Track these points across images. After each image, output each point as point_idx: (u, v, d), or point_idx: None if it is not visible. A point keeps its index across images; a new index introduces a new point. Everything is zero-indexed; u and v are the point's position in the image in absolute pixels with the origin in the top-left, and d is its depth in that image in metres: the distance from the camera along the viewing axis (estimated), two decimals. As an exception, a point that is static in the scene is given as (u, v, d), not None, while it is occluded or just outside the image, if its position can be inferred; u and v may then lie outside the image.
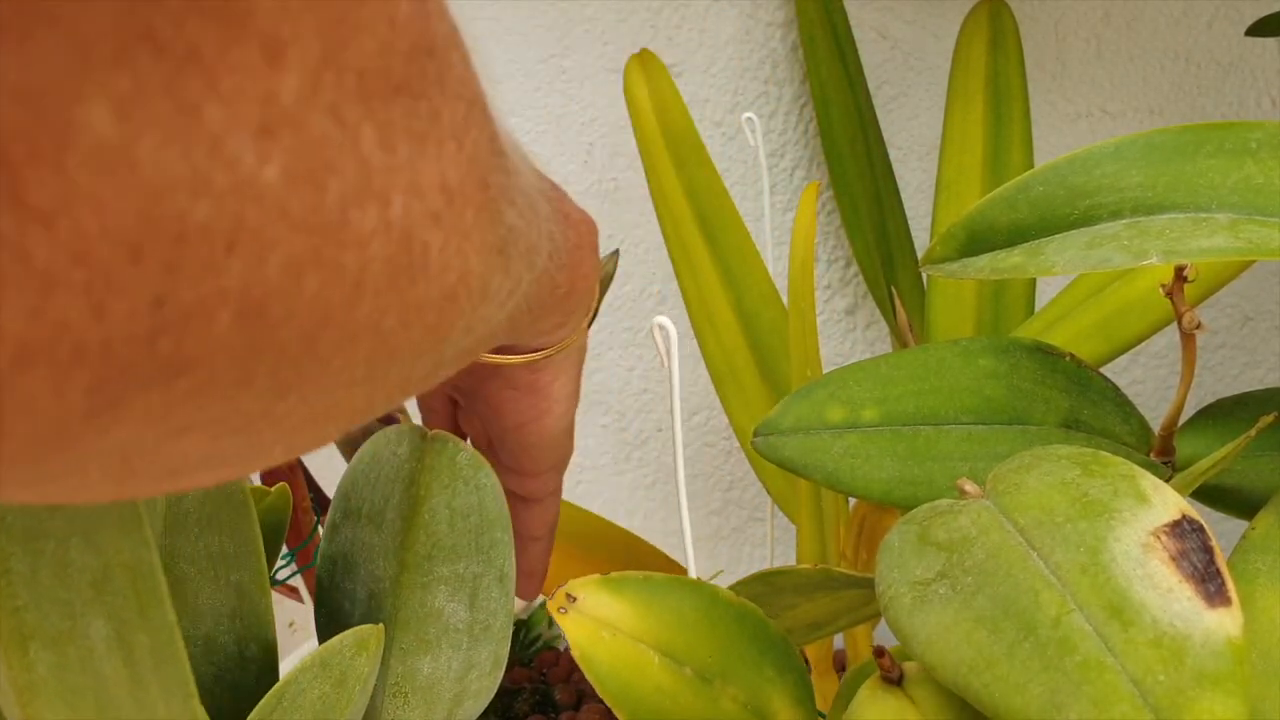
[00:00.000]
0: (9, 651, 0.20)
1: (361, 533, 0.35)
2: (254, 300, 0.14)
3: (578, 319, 0.35)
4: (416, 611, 0.34)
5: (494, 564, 0.34)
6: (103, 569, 0.21)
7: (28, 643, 0.21)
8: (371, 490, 0.34)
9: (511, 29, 0.74)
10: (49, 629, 0.21)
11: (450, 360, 0.23)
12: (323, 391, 0.18)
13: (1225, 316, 0.78)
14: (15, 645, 0.20)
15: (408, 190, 0.16)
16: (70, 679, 0.21)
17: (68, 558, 0.21)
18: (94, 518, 0.21)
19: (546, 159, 0.78)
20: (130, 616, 0.22)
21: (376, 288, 0.16)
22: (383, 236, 0.16)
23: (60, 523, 0.21)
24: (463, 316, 0.20)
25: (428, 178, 0.17)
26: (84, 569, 0.21)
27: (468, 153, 0.18)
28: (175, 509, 0.32)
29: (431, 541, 0.34)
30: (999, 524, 0.29)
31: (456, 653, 0.35)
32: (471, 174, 0.18)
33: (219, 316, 0.14)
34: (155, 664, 0.22)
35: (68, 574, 0.21)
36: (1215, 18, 0.72)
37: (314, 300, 0.15)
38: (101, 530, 0.21)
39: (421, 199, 0.17)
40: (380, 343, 0.18)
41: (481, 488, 0.34)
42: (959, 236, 0.38)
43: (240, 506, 0.33)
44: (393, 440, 0.34)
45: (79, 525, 0.21)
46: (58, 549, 0.21)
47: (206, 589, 0.33)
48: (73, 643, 0.21)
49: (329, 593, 0.36)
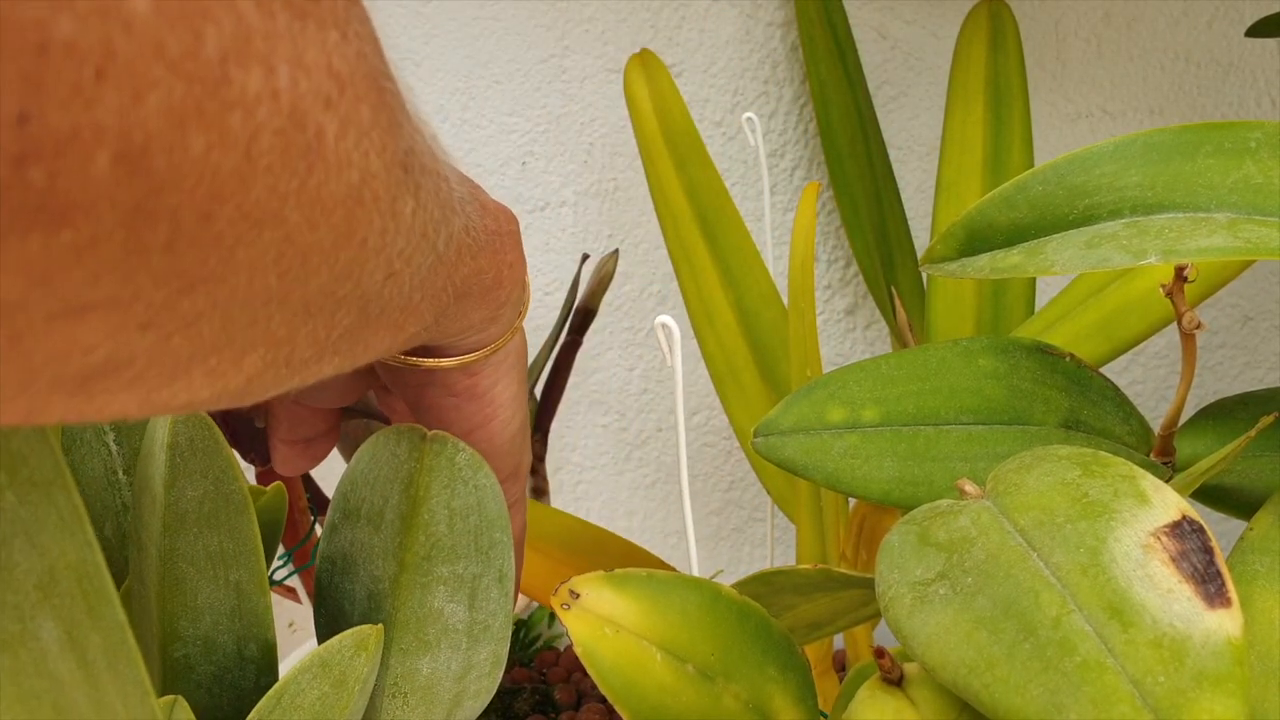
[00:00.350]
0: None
1: (360, 533, 0.35)
2: (134, 144, 0.14)
3: (509, 316, 0.35)
4: (416, 612, 0.34)
5: (493, 564, 0.34)
6: (48, 570, 0.21)
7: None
8: (370, 490, 0.34)
9: (511, 29, 0.74)
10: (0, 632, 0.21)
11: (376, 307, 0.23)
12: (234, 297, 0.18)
13: (1225, 316, 0.78)
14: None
15: (292, 62, 0.16)
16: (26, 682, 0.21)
17: (11, 560, 0.21)
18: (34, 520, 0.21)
19: (546, 159, 0.78)
20: (80, 617, 0.22)
21: (270, 164, 0.16)
22: (270, 104, 0.16)
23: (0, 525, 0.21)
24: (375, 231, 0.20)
25: (313, 56, 0.17)
26: (29, 571, 0.21)
27: (354, 47, 0.18)
28: (174, 509, 0.32)
29: (431, 542, 0.34)
30: (999, 524, 0.29)
31: (456, 653, 0.35)
32: (361, 68, 0.18)
33: (96, 156, 0.14)
34: (109, 664, 0.22)
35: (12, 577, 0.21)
36: (1215, 18, 0.72)
37: (202, 162, 0.15)
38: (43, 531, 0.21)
39: (309, 76, 0.17)
40: (286, 239, 0.18)
41: (481, 488, 0.34)
42: (958, 236, 0.38)
43: (239, 506, 0.33)
44: (392, 440, 0.34)
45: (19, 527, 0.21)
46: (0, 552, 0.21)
47: (205, 588, 0.33)
48: (24, 646, 0.21)
49: (328, 593, 0.36)
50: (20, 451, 0.21)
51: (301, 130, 0.17)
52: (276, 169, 0.17)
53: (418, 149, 0.22)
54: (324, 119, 0.17)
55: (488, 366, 0.35)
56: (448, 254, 0.26)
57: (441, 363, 0.34)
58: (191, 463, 0.32)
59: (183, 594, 0.33)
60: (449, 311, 0.29)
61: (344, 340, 0.23)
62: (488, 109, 0.76)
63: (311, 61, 0.17)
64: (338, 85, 0.18)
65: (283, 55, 0.16)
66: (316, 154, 0.17)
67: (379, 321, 0.24)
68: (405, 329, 0.26)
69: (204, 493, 0.32)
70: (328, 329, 0.22)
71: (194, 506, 0.32)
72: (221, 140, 0.15)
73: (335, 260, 0.20)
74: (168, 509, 0.32)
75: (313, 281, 0.19)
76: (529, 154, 0.77)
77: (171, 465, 0.32)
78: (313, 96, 0.17)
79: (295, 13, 0.16)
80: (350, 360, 0.24)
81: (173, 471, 0.32)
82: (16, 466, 0.21)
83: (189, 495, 0.32)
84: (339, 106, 0.18)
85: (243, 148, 0.16)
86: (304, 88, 0.17)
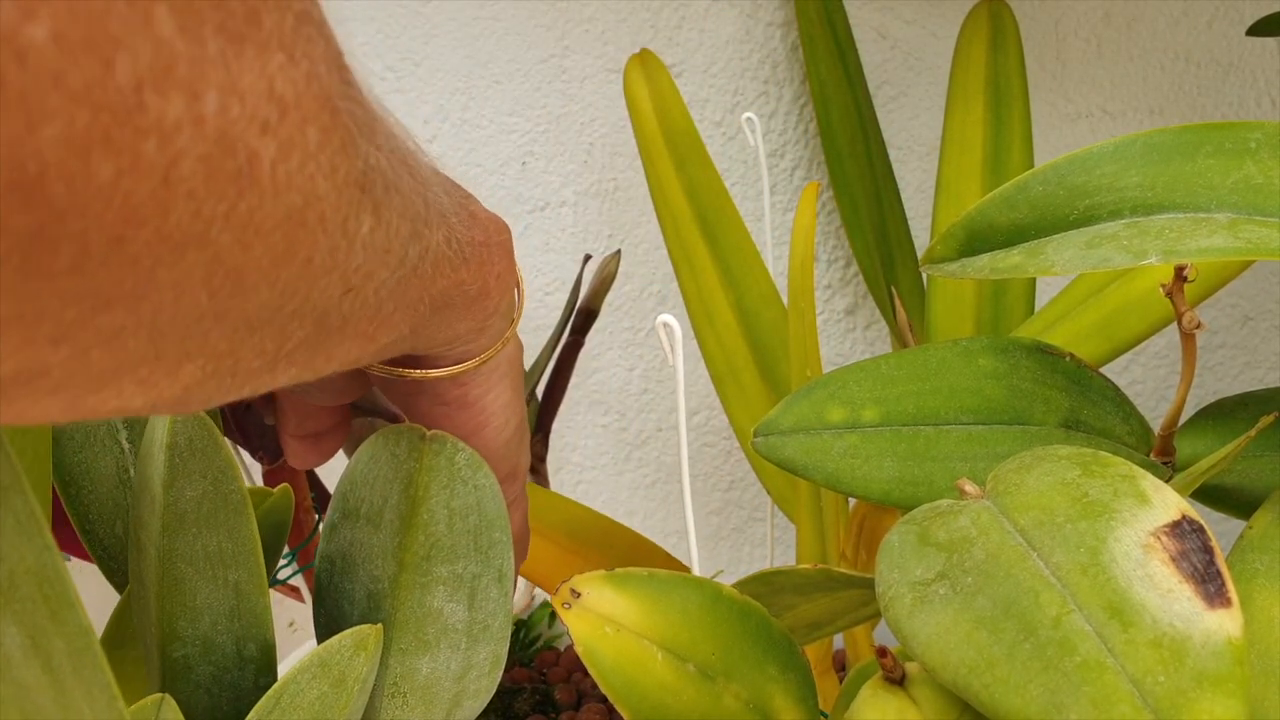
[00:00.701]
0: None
1: (360, 533, 0.35)
2: (28, 174, 0.14)
3: (498, 326, 0.34)
4: (415, 611, 0.34)
5: (492, 564, 0.34)
6: (8, 575, 0.21)
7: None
8: (370, 490, 0.34)
9: (511, 29, 0.74)
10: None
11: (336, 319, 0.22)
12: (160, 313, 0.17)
13: (1225, 316, 0.78)
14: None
15: (223, 88, 0.16)
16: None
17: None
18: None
19: (546, 159, 0.78)
20: (43, 623, 0.22)
21: (192, 189, 0.16)
22: (193, 131, 0.16)
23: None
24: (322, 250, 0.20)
25: (249, 81, 0.16)
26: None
27: (303, 68, 0.18)
28: (173, 509, 0.32)
29: (430, 542, 0.34)
30: (999, 524, 0.29)
31: (455, 653, 0.35)
32: (310, 90, 0.18)
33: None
34: (75, 668, 0.22)
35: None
36: (1215, 18, 0.72)
37: (111, 189, 0.15)
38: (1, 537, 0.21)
39: (243, 101, 0.16)
40: (215, 260, 0.17)
41: (480, 488, 0.34)
42: (958, 236, 0.38)
43: (238, 506, 0.33)
44: (391, 440, 0.34)
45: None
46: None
47: (204, 589, 0.33)
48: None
49: (327, 593, 0.36)
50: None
51: (230, 155, 0.16)
52: (200, 194, 0.16)
53: (382, 168, 0.22)
54: (259, 144, 0.17)
55: (478, 376, 0.35)
56: (422, 267, 0.26)
57: (429, 374, 0.34)
58: (190, 463, 0.32)
59: (181, 594, 0.33)
60: (429, 322, 0.29)
61: (300, 351, 0.22)
62: (488, 109, 0.76)
63: (247, 86, 0.16)
64: (279, 109, 0.17)
65: (211, 81, 0.16)
66: (248, 179, 0.17)
67: (342, 332, 0.23)
68: (377, 339, 0.26)
69: (203, 493, 0.32)
70: (278, 341, 0.21)
71: (193, 507, 0.32)
72: (134, 167, 0.15)
73: (276, 279, 0.19)
74: (166, 509, 0.32)
75: (252, 299, 0.19)
76: (529, 154, 0.77)
77: (170, 465, 0.32)
78: (246, 121, 0.17)
79: (230, 37, 0.16)
80: (312, 370, 0.24)
81: (171, 471, 0.32)
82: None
83: (188, 495, 0.32)
84: (279, 130, 0.17)
85: (159, 174, 0.15)
86: (235, 113, 0.16)
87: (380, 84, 0.73)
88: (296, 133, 0.18)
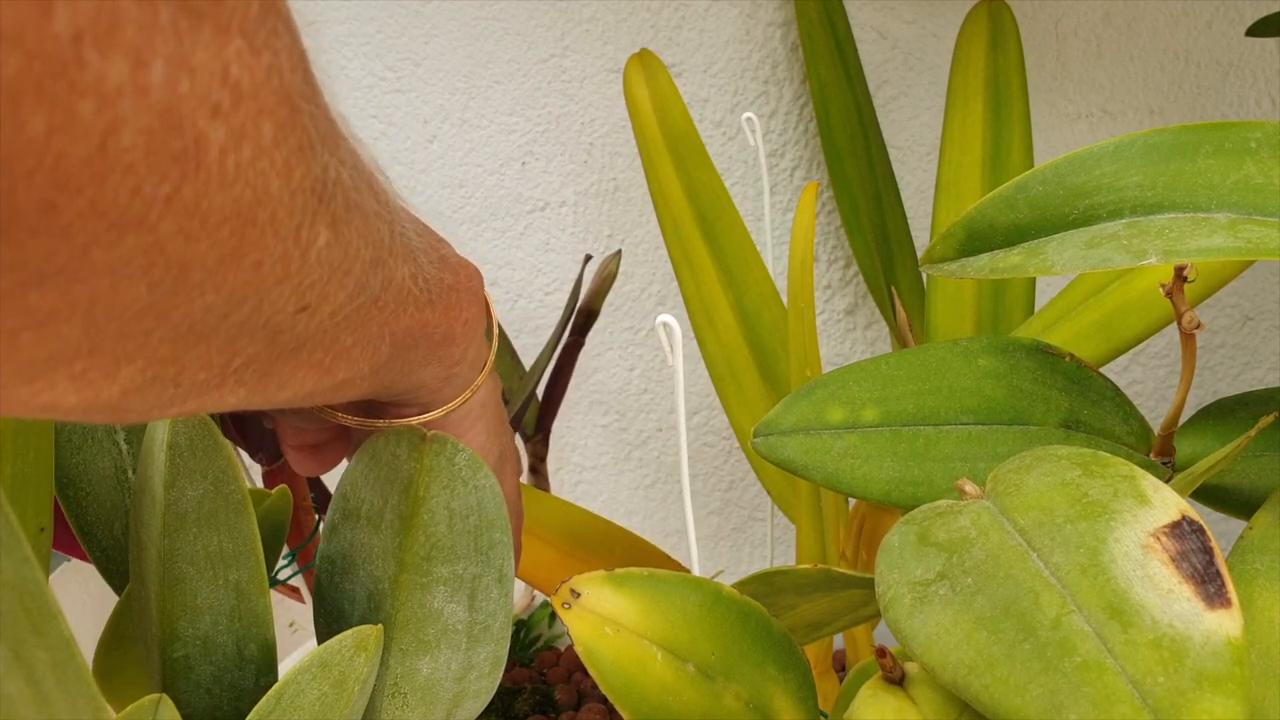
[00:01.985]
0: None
1: (360, 534, 0.35)
2: None
3: (465, 376, 0.33)
4: (415, 612, 0.34)
5: (493, 564, 0.34)
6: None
7: (-75, 670, 0.20)
8: (370, 491, 0.34)
9: (511, 29, 0.74)
10: None
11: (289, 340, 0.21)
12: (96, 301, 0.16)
13: (1225, 316, 0.78)
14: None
15: (172, 61, 0.15)
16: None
17: None
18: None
19: (546, 159, 0.78)
20: (25, 635, 0.21)
21: (132, 163, 0.15)
22: (135, 99, 0.15)
23: None
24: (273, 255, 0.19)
25: (202, 59, 0.16)
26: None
27: (264, 60, 0.17)
28: (174, 509, 0.32)
29: (430, 542, 0.34)
30: (999, 525, 0.29)
31: (455, 653, 0.35)
32: (270, 83, 0.17)
33: None
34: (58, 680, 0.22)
35: None
36: (1215, 18, 0.72)
37: (42, 146, 0.14)
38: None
39: (193, 78, 0.16)
40: (155, 247, 0.17)
41: (480, 489, 0.34)
42: (958, 236, 0.38)
43: (238, 506, 0.33)
44: (391, 441, 0.34)
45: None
46: None
47: (205, 589, 0.33)
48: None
49: (328, 593, 0.36)
50: None
51: (177, 133, 0.16)
52: (141, 170, 0.15)
53: (343, 182, 0.21)
54: (208, 126, 0.16)
55: (447, 424, 0.34)
56: (384, 299, 0.25)
57: (394, 424, 0.33)
58: (191, 463, 0.32)
59: (182, 594, 0.33)
60: (390, 364, 0.28)
61: (250, 371, 0.21)
62: (488, 109, 0.76)
63: (200, 64, 0.16)
64: (233, 94, 0.17)
65: (160, 50, 0.15)
66: (194, 161, 0.16)
67: (295, 357, 0.23)
68: (334, 372, 0.25)
69: (203, 493, 0.32)
70: (226, 355, 0.20)
71: (193, 507, 0.32)
72: (68, 125, 0.14)
73: (223, 280, 0.18)
74: (167, 509, 0.32)
75: (197, 300, 0.18)
76: (529, 154, 0.77)
77: (171, 465, 0.32)
78: (196, 100, 0.16)
79: (186, 10, 0.15)
80: (263, 395, 0.23)
81: (172, 472, 0.32)
82: None
83: (188, 495, 0.32)
84: (231, 117, 0.17)
85: (96, 139, 0.15)
86: (185, 89, 0.16)
87: (380, 84, 0.73)
88: (250, 123, 0.17)
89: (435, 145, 0.76)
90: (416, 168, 0.76)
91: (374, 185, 0.24)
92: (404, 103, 0.74)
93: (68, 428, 0.37)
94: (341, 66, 0.72)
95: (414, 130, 0.75)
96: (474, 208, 0.78)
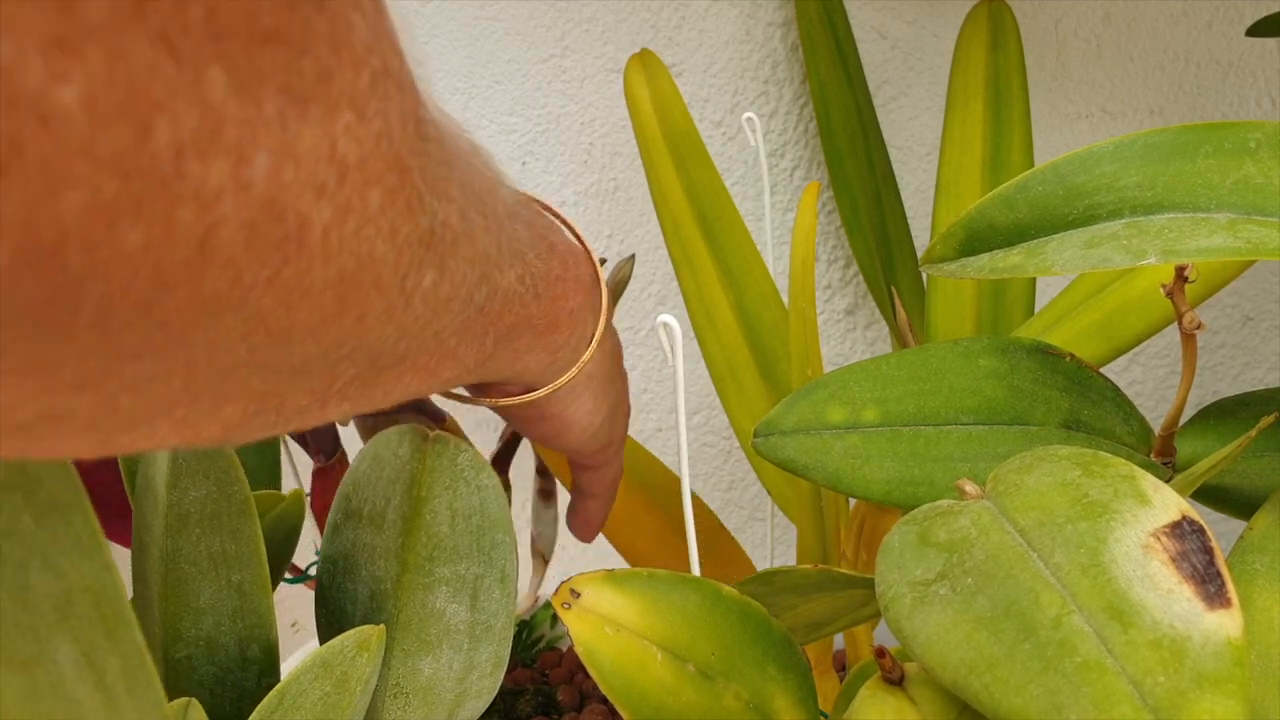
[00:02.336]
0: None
1: (363, 534, 0.35)
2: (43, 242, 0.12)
3: (567, 359, 0.33)
4: (418, 612, 0.34)
5: (495, 565, 0.34)
6: (65, 593, 0.21)
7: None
8: (373, 491, 0.35)
9: (511, 29, 0.74)
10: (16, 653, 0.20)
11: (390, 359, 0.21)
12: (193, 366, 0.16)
13: (1225, 316, 0.78)
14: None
15: (277, 151, 0.15)
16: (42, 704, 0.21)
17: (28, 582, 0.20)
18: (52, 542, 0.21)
19: (546, 159, 0.78)
20: (98, 640, 0.21)
21: (232, 256, 0.15)
22: (237, 197, 0.14)
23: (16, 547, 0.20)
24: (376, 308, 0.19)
25: (309, 144, 0.15)
26: (46, 593, 0.21)
27: (374, 126, 0.16)
28: (176, 509, 0.32)
29: (433, 542, 0.34)
30: (999, 525, 0.29)
31: (458, 653, 0.35)
32: (378, 150, 0.17)
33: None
34: (128, 686, 0.22)
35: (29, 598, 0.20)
36: (1215, 18, 0.72)
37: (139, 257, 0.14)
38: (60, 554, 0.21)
39: (298, 165, 0.15)
40: (256, 320, 0.16)
41: (483, 489, 0.34)
42: (958, 236, 0.38)
43: (241, 507, 0.33)
44: (394, 441, 0.34)
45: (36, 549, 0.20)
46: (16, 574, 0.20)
47: (208, 589, 0.33)
48: (41, 667, 0.21)
49: (330, 593, 0.36)
50: (37, 474, 0.20)
51: (279, 222, 0.15)
52: (240, 261, 0.15)
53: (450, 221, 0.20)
54: (312, 209, 0.16)
55: (552, 398, 0.34)
56: (490, 306, 0.25)
57: (499, 403, 0.33)
58: (194, 464, 0.32)
59: (185, 595, 0.33)
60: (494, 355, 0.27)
61: (353, 387, 0.21)
62: (488, 109, 0.76)
63: (306, 149, 0.15)
64: (338, 172, 0.16)
65: (263, 144, 0.14)
66: (297, 244, 0.16)
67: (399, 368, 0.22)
68: (440, 374, 0.25)
69: (206, 494, 0.32)
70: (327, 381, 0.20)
71: (196, 508, 0.32)
72: (167, 235, 0.14)
73: (323, 335, 0.18)
74: (170, 510, 0.32)
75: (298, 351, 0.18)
76: (529, 154, 0.77)
77: (174, 466, 0.32)
78: (300, 186, 0.15)
79: (292, 97, 0.15)
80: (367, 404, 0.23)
81: (175, 472, 0.32)
82: (33, 488, 0.20)
83: (191, 496, 0.32)
84: (336, 194, 0.16)
85: (195, 242, 0.14)
86: (289, 177, 0.15)
87: (381, 84, 0.73)
88: (356, 196, 0.17)
89: (435, 145, 0.76)
90: (417, 168, 0.76)
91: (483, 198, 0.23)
92: (404, 103, 0.74)
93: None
94: (342, 67, 0.72)
95: (414, 130, 0.75)
96: (474, 208, 0.78)
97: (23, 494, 0.20)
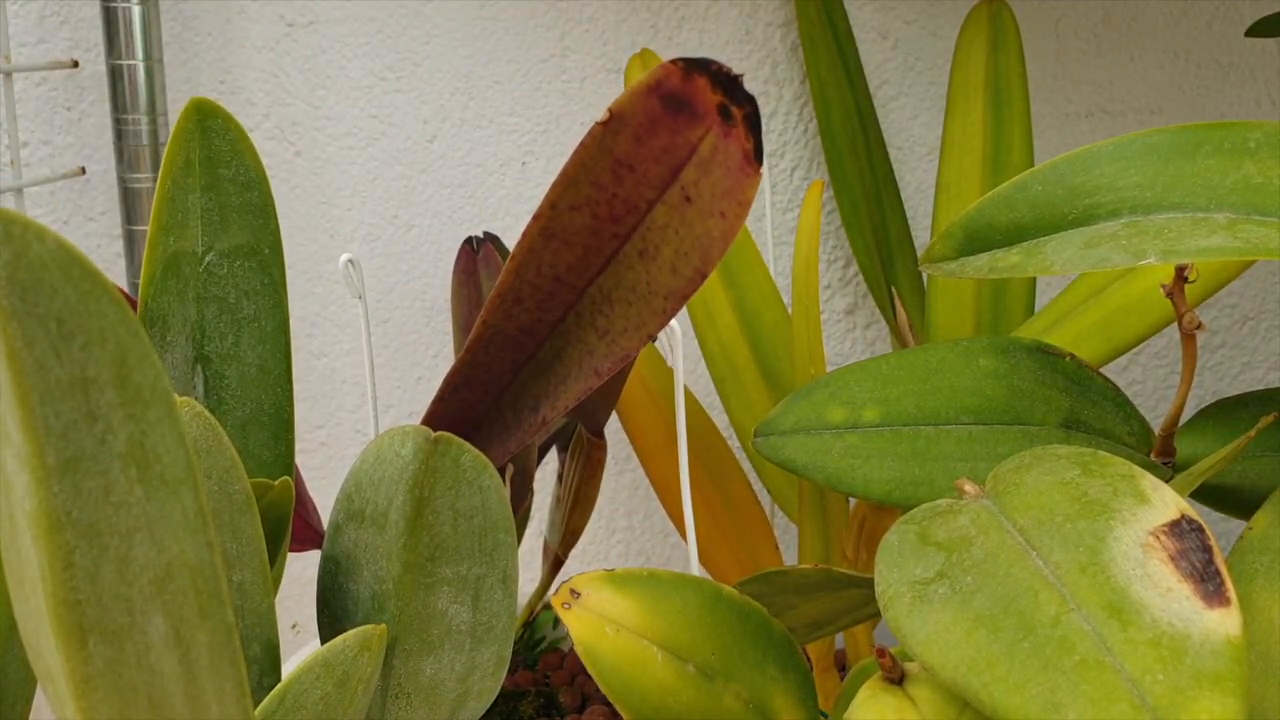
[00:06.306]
0: (68, 644, 0.20)
1: (364, 534, 0.35)
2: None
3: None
4: (419, 612, 0.34)
5: (497, 565, 0.34)
6: (165, 567, 0.21)
7: (87, 636, 0.21)
8: (375, 491, 0.35)
9: (511, 29, 0.74)
10: (108, 624, 0.21)
11: None
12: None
13: (1225, 316, 0.79)
14: (75, 639, 0.21)
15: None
16: (125, 674, 0.21)
17: (130, 554, 0.21)
18: (159, 516, 0.21)
19: (546, 159, 0.78)
20: (190, 616, 0.22)
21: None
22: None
23: (124, 518, 0.21)
24: None
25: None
26: (146, 566, 0.21)
27: None
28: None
29: (435, 543, 0.34)
30: (998, 524, 0.29)
31: (459, 654, 0.35)
32: None
33: None
34: (212, 663, 0.22)
35: (129, 570, 0.21)
36: (1215, 18, 0.73)
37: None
38: (165, 529, 0.21)
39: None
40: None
41: (485, 489, 0.34)
42: (958, 235, 0.38)
43: (242, 505, 0.33)
44: (396, 441, 0.34)
45: (144, 522, 0.21)
46: (121, 545, 0.21)
47: (209, 590, 0.33)
48: (130, 639, 0.21)
49: (331, 593, 0.36)
50: (155, 449, 0.21)
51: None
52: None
53: None
54: None
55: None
56: None
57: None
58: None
59: (186, 594, 0.33)
60: None
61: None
62: (488, 109, 0.76)
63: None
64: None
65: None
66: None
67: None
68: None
69: (207, 493, 0.32)
70: None
71: (197, 507, 0.32)
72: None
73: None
74: (171, 510, 0.32)
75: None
76: (529, 154, 0.77)
77: (175, 466, 0.32)
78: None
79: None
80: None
81: (176, 473, 0.32)
82: (149, 462, 0.21)
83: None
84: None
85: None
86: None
87: (380, 84, 0.74)
88: None
89: (435, 145, 0.76)
90: (416, 168, 0.76)
91: None
92: (404, 103, 0.74)
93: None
94: (341, 66, 0.72)
95: (414, 130, 0.75)
96: (474, 208, 0.78)
97: (137, 466, 0.21)
